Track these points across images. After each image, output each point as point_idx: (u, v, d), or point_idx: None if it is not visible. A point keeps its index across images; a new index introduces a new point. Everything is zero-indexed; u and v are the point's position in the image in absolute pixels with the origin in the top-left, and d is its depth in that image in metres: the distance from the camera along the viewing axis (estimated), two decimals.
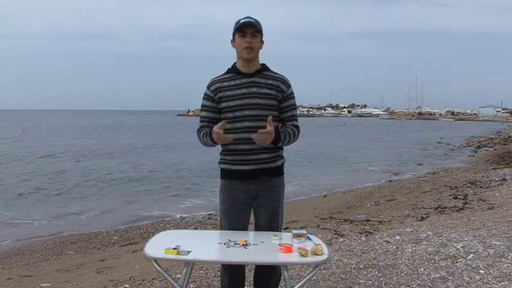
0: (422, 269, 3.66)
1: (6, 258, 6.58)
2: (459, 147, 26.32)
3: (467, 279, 3.40)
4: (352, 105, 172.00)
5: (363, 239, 4.89)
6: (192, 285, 3.60)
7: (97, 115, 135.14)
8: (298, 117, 2.75)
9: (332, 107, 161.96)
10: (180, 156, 21.34)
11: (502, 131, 42.74)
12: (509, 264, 3.62)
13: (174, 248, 2.27)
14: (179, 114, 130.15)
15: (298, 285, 2.31)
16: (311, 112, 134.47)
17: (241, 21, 2.55)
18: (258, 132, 2.44)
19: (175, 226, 8.19)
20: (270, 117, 2.46)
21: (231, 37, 2.60)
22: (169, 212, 9.78)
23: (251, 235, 2.59)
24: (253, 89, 2.59)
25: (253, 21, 2.55)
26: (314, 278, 3.46)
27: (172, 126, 57.88)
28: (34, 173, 15.58)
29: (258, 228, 2.71)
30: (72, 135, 38.54)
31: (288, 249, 2.28)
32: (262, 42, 2.62)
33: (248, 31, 2.54)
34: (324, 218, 7.20)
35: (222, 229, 2.75)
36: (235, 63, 2.67)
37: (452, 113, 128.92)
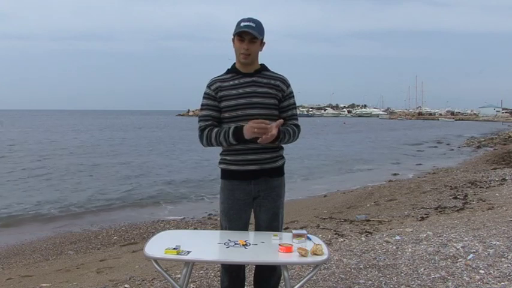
0: (422, 269, 3.66)
1: (6, 258, 6.58)
2: (459, 147, 26.33)
3: (467, 279, 3.40)
4: (352, 105, 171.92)
5: (363, 239, 4.88)
6: (192, 285, 3.60)
7: (99, 115, 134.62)
8: (298, 117, 2.75)
9: (332, 107, 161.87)
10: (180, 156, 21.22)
11: (502, 131, 42.72)
12: (509, 264, 3.62)
13: (174, 248, 2.26)
14: (179, 114, 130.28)
15: (298, 285, 2.31)
16: (311, 112, 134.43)
17: (242, 24, 2.52)
18: (262, 138, 2.45)
19: (175, 226, 8.18)
20: (281, 120, 2.49)
21: (232, 37, 2.59)
22: (169, 212, 9.77)
23: (251, 235, 2.58)
24: (252, 89, 2.58)
25: (254, 25, 2.52)
26: (314, 278, 3.46)
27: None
28: None
29: (258, 228, 2.71)
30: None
31: (288, 249, 2.28)
32: (262, 44, 2.61)
33: (246, 37, 2.52)
34: (324, 218, 7.20)
35: (222, 229, 2.75)
36: (234, 63, 2.66)
37: (452, 113, 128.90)
